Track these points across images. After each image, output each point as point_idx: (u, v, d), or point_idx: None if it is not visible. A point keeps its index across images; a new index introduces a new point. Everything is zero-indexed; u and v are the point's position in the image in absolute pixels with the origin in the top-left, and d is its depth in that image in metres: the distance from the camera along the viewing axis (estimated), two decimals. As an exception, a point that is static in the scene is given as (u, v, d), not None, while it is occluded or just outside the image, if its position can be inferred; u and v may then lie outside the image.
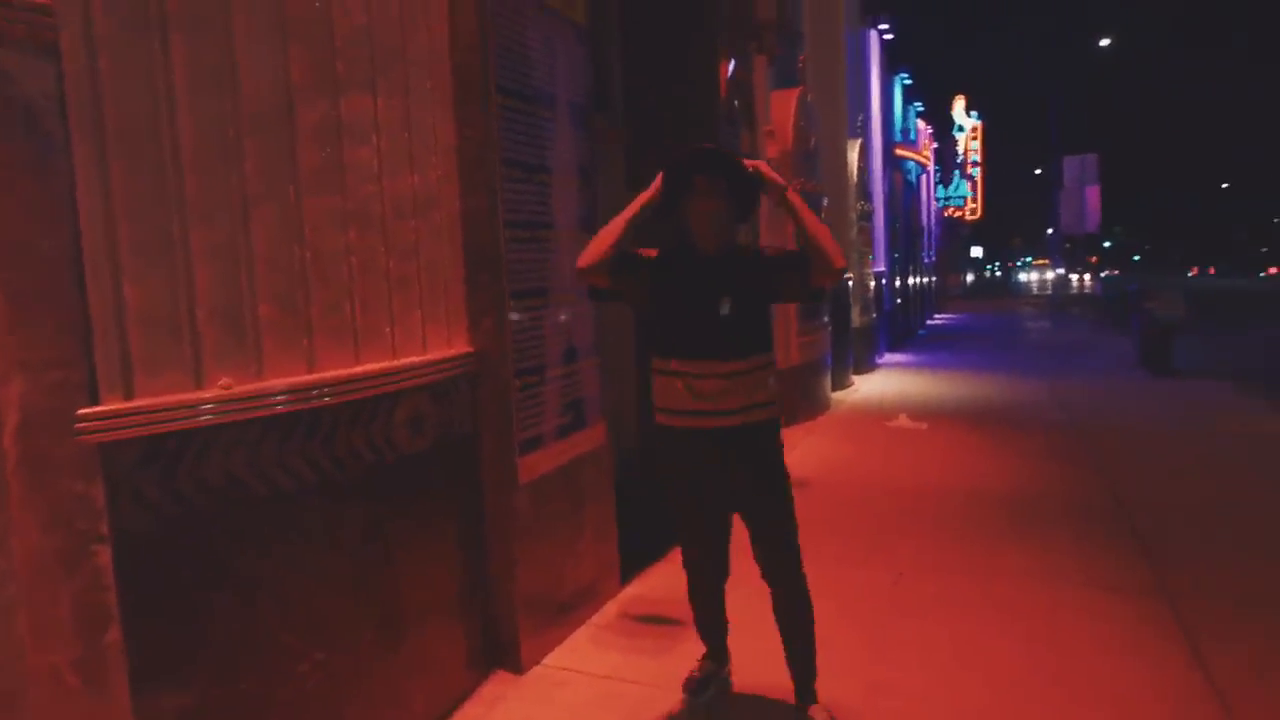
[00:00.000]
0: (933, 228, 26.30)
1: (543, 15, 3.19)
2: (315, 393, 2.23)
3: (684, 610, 3.51)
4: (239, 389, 2.08)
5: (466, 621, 2.90)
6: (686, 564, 2.77)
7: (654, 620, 3.50)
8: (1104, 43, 25.64)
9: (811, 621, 2.61)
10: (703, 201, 2.44)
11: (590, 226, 3.51)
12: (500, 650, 3.03)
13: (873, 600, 3.66)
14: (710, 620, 2.85)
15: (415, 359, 2.61)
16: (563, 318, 3.30)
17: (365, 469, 2.41)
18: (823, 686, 2.93)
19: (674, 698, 2.86)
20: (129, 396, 1.92)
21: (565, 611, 3.33)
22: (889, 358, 13.61)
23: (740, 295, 2.45)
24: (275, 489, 2.16)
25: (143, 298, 1.93)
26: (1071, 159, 18.54)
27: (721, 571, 2.76)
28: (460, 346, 2.87)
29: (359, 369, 2.39)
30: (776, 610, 2.62)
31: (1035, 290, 49.84)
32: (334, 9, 2.31)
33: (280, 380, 2.18)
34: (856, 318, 11.25)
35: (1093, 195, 17.90)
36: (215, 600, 2.05)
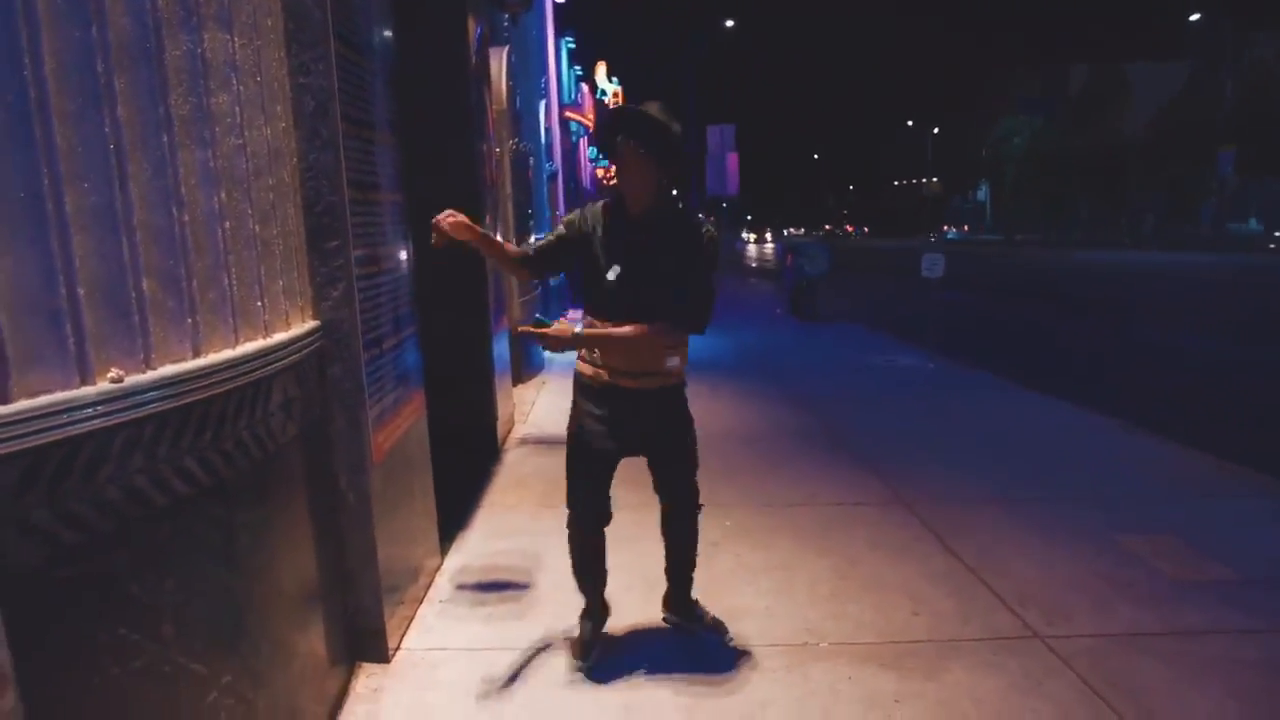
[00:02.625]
0: (590, 189, 27.59)
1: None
2: (205, 380, 1.91)
3: (517, 572, 3.57)
4: (131, 381, 1.73)
5: (332, 616, 2.67)
6: (578, 513, 2.85)
7: (493, 587, 3.48)
8: (729, 24, 28.65)
9: (698, 531, 3.02)
10: (625, 163, 2.52)
11: (401, 187, 3.31)
12: (363, 641, 2.84)
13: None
14: (595, 570, 2.94)
15: (282, 335, 2.32)
16: (391, 284, 3.09)
17: (252, 464, 2.11)
18: (685, 620, 3.18)
19: (555, 655, 2.92)
20: (3, 400, 1.52)
21: (410, 591, 3.19)
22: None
23: (642, 262, 2.53)
24: (174, 497, 1.83)
25: (13, 275, 1.52)
26: (713, 128, 20.49)
27: (606, 516, 2.87)
28: (309, 320, 2.58)
29: (240, 350, 2.08)
30: (672, 525, 2.97)
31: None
32: (191, -76, 1.94)
33: (171, 367, 1.84)
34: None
35: (732, 161, 20.00)
36: (120, 637, 1.71)
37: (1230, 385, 8.22)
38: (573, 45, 18.23)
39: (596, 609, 3.00)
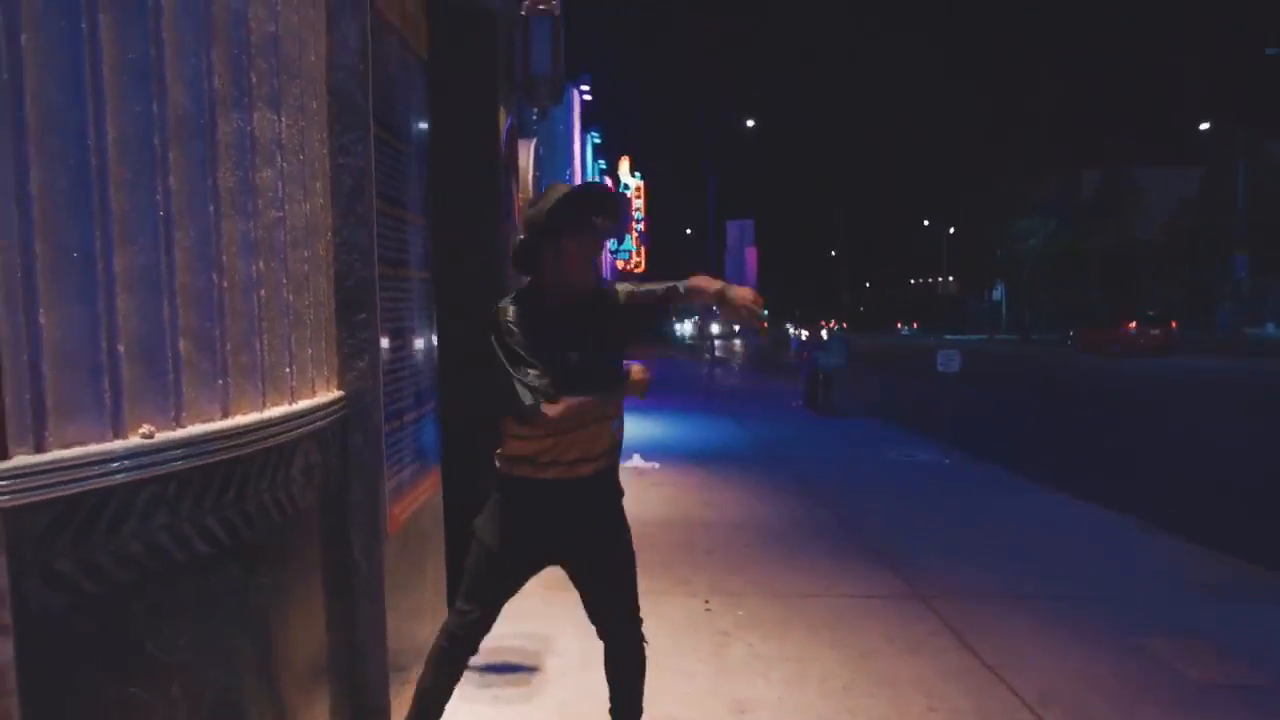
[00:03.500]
0: (610, 279, 28.18)
1: (397, 47, 3.08)
2: (232, 441, 1.95)
3: (526, 655, 3.51)
4: (161, 437, 1.77)
5: (339, 691, 2.63)
6: (460, 627, 2.51)
7: (501, 669, 3.42)
8: (750, 123, 29.68)
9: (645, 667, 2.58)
10: (594, 246, 2.42)
11: (430, 266, 3.42)
12: (369, 718, 2.78)
13: (697, 625, 3.90)
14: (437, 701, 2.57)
15: (307, 402, 2.37)
16: (415, 359, 3.16)
17: (272, 527, 2.13)
18: (691, 710, 3.11)
19: None
20: (39, 449, 1.57)
21: (415, 670, 3.13)
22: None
23: (599, 344, 2.43)
24: (192, 555, 1.85)
25: (59, 329, 1.59)
26: (733, 223, 20.99)
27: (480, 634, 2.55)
28: (333, 389, 2.64)
29: (266, 414, 2.13)
30: (619, 663, 2.55)
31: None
32: (251, 10, 2.09)
33: (200, 426, 1.88)
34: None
35: (751, 256, 20.41)
36: (130, 696, 1.70)
37: (1250, 482, 8.09)
38: (598, 140, 18.90)
39: None
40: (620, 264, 35.47)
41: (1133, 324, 26.59)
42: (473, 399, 5.07)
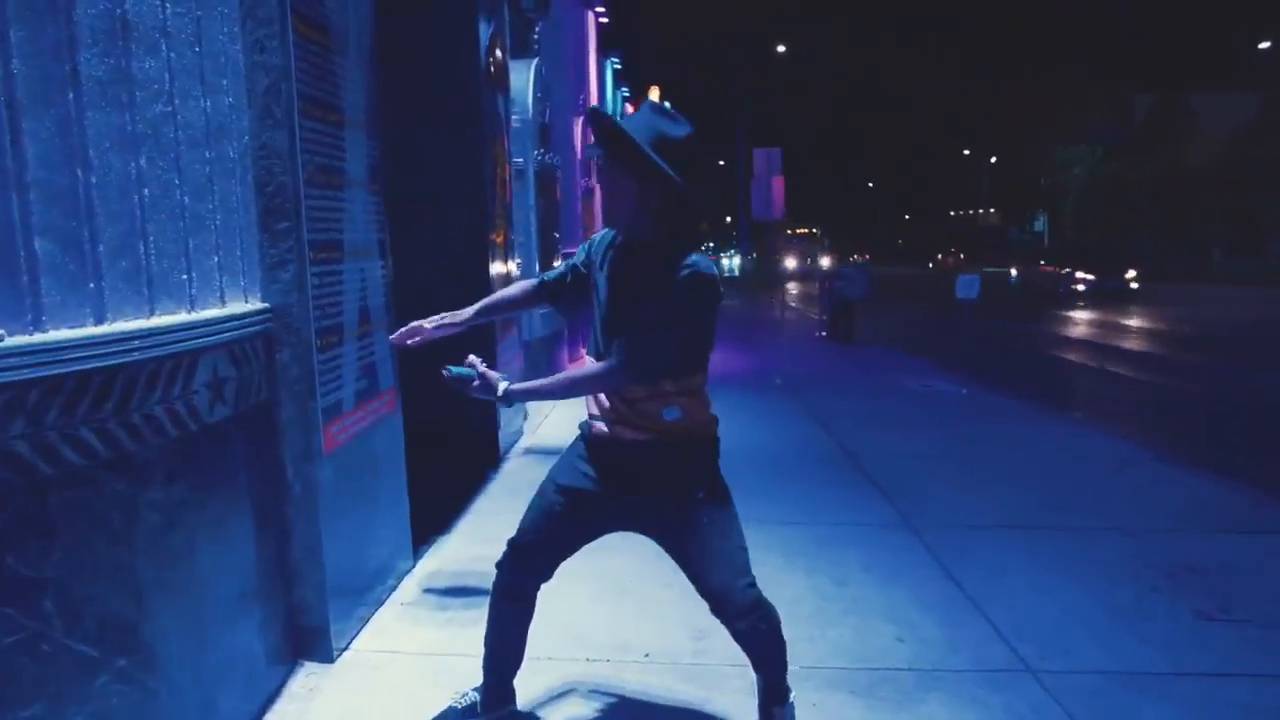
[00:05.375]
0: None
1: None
2: (104, 348, 1.84)
3: (488, 579, 3.42)
4: (13, 341, 1.66)
5: (271, 611, 2.57)
6: (509, 552, 2.31)
7: (460, 592, 3.36)
8: (781, 49, 28.58)
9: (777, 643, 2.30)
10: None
11: (378, 179, 3.26)
12: (306, 639, 2.73)
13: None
14: (503, 641, 2.37)
15: (213, 312, 2.25)
16: (356, 274, 3.02)
17: (167, 441, 2.03)
18: (649, 637, 3.03)
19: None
20: None
21: (366, 591, 3.08)
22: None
23: (614, 299, 2.09)
24: (63, 468, 1.75)
25: (-123, 221, 1.47)
26: (760, 151, 20.31)
27: (541, 574, 2.33)
28: (254, 302, 2.52)
29: (155, 321, 2.01)
30: (738, 638, 2.26)
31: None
32: (115, -117, 1.90)
33: (66, 332, 1.77)
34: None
35: (778, 185, 19.77)
36: (-11, 608, 1.63)
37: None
38: (619, 65, 18.32)
39: (492, 698, 2.37)
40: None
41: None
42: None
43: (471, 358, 2.09)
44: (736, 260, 38.81)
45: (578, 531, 2.26)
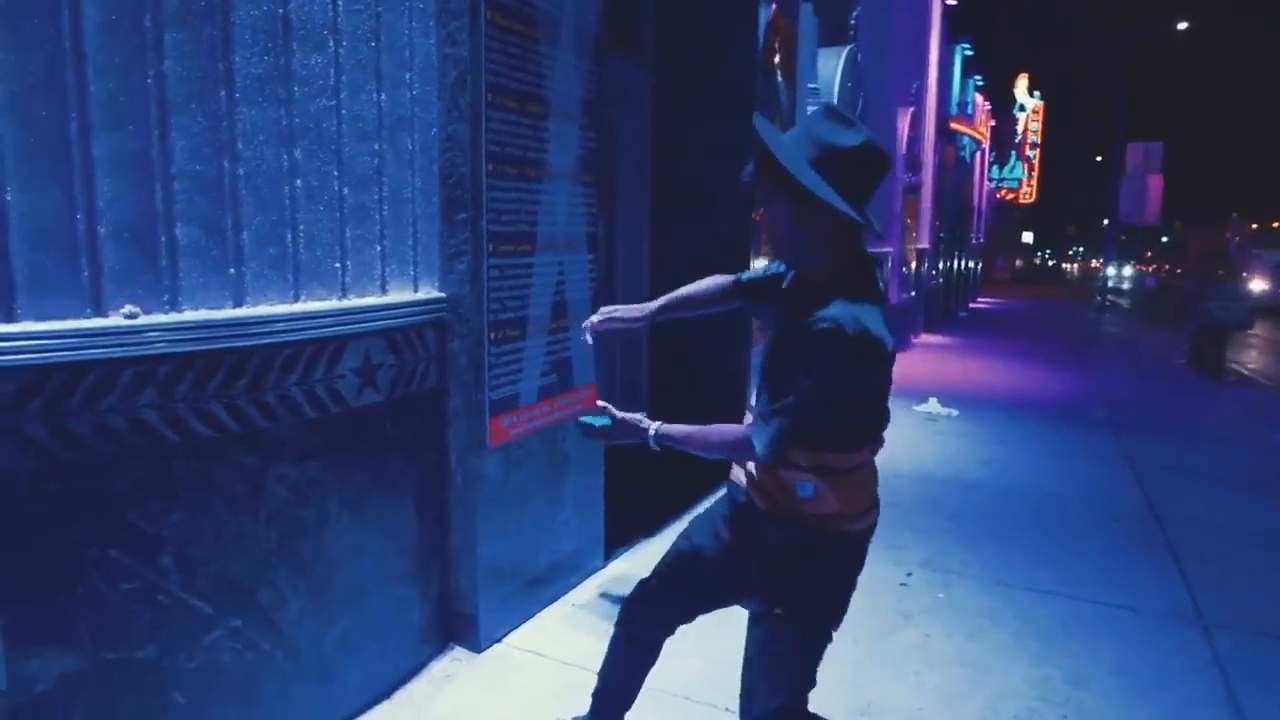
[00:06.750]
0: (983, 208, 25.46)
1: (550, -74, 2.84)
2: (239, 330, 1.96)
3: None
4: (146, 319, 1.81)
5: (424, 593, 2.65)
6: (628, 602, 2.08)
7: (633, 603, 3.23)
8: (1181, 26, 24.31)
9: None
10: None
11: (593, 170, 3.20)
12: (459, 625, 2.78)
13: (874, 599, 3.34)
14: (616, 683, 2.14)
15: (369, 300, 2.33)
16: (552, 268, 2.99)
17: (303, 421, 2.14)
18: (813, 702, 2.67)
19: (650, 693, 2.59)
20: (10, 319, 1.66)
21: (536, 587, 3.08)
22: (925, 339, 13.14)
23: (773, 344, 1.76)
24: (189, 437, 1.90)
25: (30, 207, 1.66)
26: (1136, 146, 17.63)
27: (663, 630, 2.08)
28: (428, 291, 2.58)
29: (298, 306, 2.11)
30: None
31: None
32: (287, -112, 2.00)
33: (201, 313, 1.91)
34: (893, 294, 10.80)
35: (1155, 185, 17.01)
36: (109, 557, 1.80)
37: None
38: (970, 52, 16.88)
39: None
40: (1004, 192, 32.02)
41: None
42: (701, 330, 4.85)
43: (600, 403, 1.90)
44: (1127, 271, 32.28)
45: (698, 597, 1.99)
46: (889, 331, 1.61)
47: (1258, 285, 21.96)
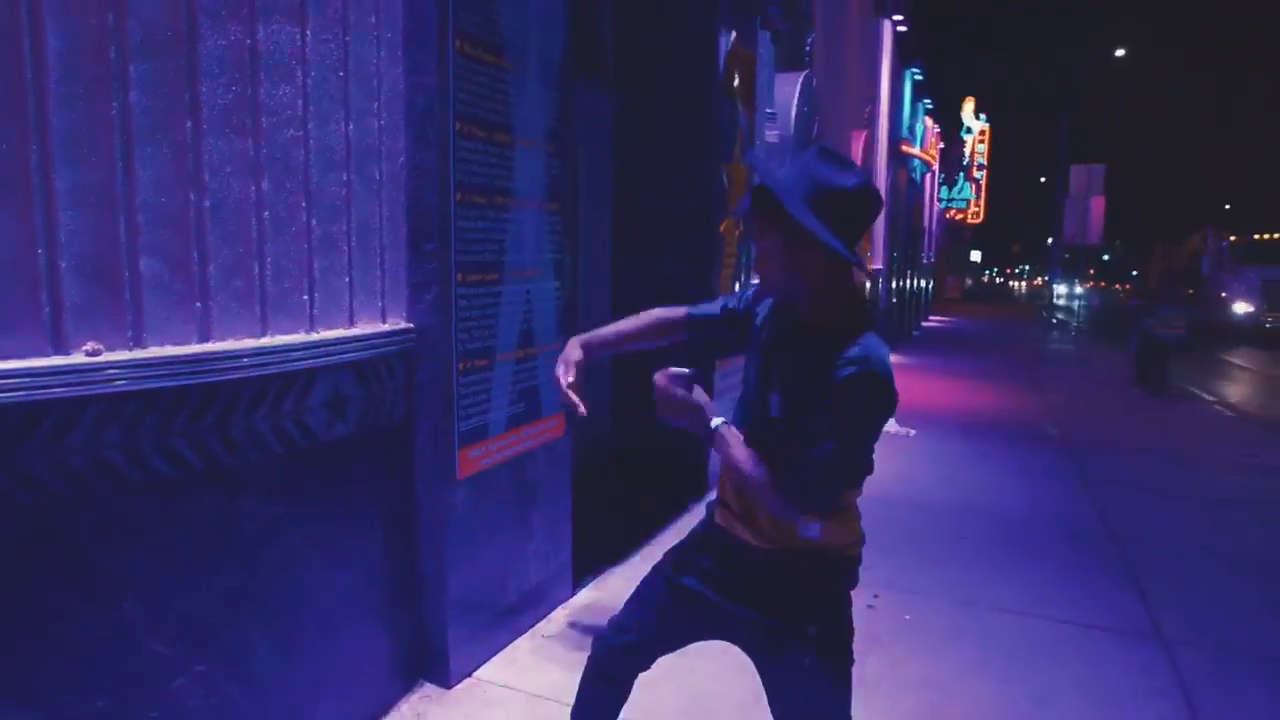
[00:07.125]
0: (933, 228, 25.97)
1: (517, -43, 2.85)
2: (205, 366, 1.91)
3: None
4: (109, 356, 1.76)
5: (392, 628, 2.60)
6: (606, 632, 2.02)
7: (604, 632, 3.21)
8: (1119, 53, 25.24)
9: None
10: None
11: (559, 197, 3.20)
12: (429, 659, 2.73)
13: (843, 623, 3.36)
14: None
15: (337, 332, 2.29)
16: (519, 296, 2.98)
17: (271, 457, 2.09)
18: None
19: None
20: (-36, 360, 1.61)
21: (506, 618, 3.04)
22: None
23: (785, 389, 1.69)
24: (153, 476, 1.84)
25: (-10, 242, 1.61)
26: (1079, 168, 18.14)
27: (640, 663, 2.02)
28: (396, 322, 2.55)
29: (265, 340, 2.07)
30: None
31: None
32: (255, -81, 1.98)
33: (164, 350, 1.86)
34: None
35: (1097, 206, 17.51)
36: (69, 601, 1.74)
37: None
38: (920, 76, 17.28)
39: None
40: (953, 213, 32.74)
41: None
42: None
43: (688, 371, 1.72)
44: (1079, 290, 32.45)
45: (676, 630, 1.95)
46: None
47: (1240, 307, 19.24)
